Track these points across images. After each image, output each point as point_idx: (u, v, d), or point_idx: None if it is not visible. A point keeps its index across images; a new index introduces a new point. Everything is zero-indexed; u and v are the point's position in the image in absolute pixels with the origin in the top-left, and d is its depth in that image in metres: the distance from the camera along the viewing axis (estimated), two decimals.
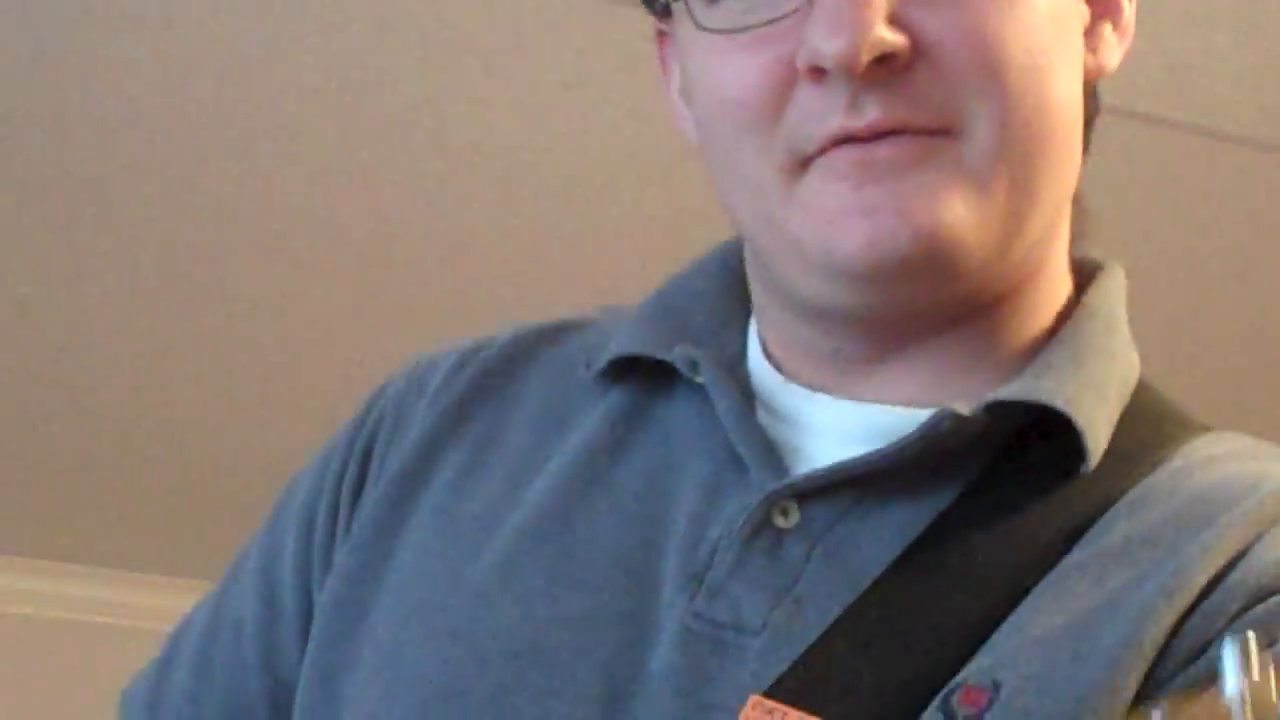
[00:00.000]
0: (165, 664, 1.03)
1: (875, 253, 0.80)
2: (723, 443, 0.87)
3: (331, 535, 0.96)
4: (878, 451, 0.83)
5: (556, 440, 0.92)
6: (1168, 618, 0.76)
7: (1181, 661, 0.75)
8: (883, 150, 0.80)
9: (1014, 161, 0.82)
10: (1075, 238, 0.93)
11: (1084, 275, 0.92)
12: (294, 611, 0.96)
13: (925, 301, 0.84)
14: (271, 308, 3.19)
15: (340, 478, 0.98)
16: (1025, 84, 0.81)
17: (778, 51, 0.82)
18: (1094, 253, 0.94)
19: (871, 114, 0.80)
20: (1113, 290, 0.92)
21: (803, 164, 0.82)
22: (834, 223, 0.81)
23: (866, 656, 0.79)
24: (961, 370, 0.87)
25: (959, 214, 0.80)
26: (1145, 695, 0.74)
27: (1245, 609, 0.76)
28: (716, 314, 0.95)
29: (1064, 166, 0.86)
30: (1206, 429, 0.90)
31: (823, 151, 0.81)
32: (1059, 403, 0.83)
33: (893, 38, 0.79)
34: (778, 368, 0.91)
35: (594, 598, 0.85)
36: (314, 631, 0.93)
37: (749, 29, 0.82)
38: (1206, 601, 0.76)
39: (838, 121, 0.80)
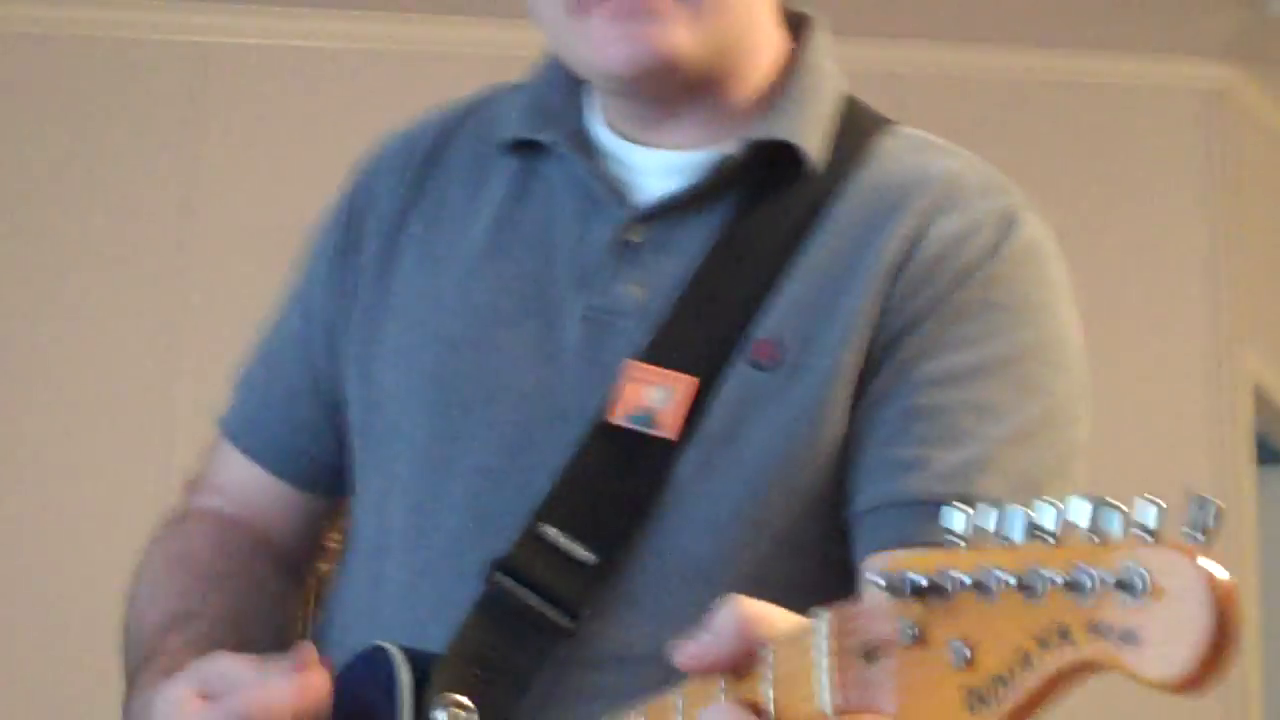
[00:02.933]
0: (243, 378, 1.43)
1: (634, 64, 1.18)
2: (585, 188, 1.25)
3: (339, 277, 1.35)
4: (687, 186, 1.23)
5: (484, 194, 1.30)
6: (878, 285, 1.16)
7: (896, 327, 1.16)
8: (638, 3, 1.17)
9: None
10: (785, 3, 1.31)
11: (797, 27, 1.31)
12: (322, 328, 1.35)
13: (674, 79, 1.21)
14: None
15: (338, 241, 1.36)
16: None
17: None
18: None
19: None
20: (818, 43, 1.30)
21: (584, 7, 1.19)
22: (607, 46, 1.19)
23: (697, 321, 1.18)
24: (717, 120, 1.26)
25: (680, 35, 1.18)
26: (875, 346, 1.16)
27: (930, 272, 1.17)
28: (567, 96, 1.31)
29: None
30: (891, 125, 1.28)
31: (599, 3, 1.18)
32: (792, 135, 1.22)
33: None
34: (610, 127, 1.29)
35: (519, 299, 1.24)
36: (350, 340, 1.32)
37: None
38: (902, 275, 1.17)
39: None
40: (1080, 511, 0.66)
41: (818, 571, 1.16)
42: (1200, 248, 4.23)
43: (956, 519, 0.71)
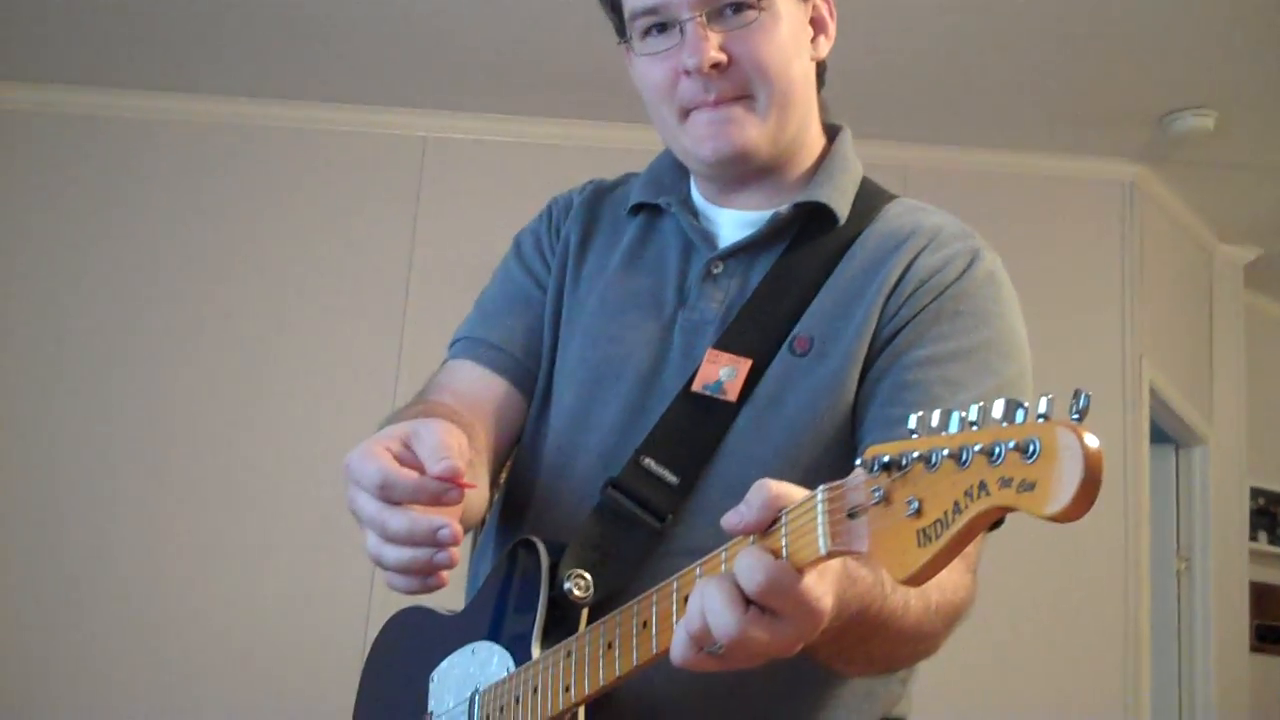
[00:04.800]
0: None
1: (718, 154, 1.22)
2: (685, 236, 1.28)
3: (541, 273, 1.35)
4: (752, 234, 1.25)
5: (618, 239, 1.33)
6: (881, 300, 1.17)
7: (891, 327, 1.16)
8: (720, 111, 1.21)
9: (778, 108, 1.22)
10: (824, 116, 1.30)
11: (831, 132, 1.31)
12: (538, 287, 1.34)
13: (748, 165, 1.24)
14: None
15: (538, 246, 1.36)
16: (779, 73, 1.21)
17: (671, 63, 1.21)
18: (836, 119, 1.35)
19: (713, 92, 1.21)
20: (845, 141, 1.30)
21: (686, 114, 1.23)
22: (702, 142, 1.22)
23: (754, 323, 1.19)
24: (776, 191, 1.26)
25: (752, 135, 1.22)
26: (877, 342, 1.15)
27: (916, 290, 1.16)
28: (675, 176, 1.34)
29: (805, 104, 1.26)
30: (894, 196, 1.28)
31: (695, 109, 1.22)
32: (826, 199, 1.24)
33: (718, 55, 1.18)
34: (703, 196, 1.31)
35: (640, 309, 1.25)
36: (547, 315, 1.32)
37: (657, 53, 1.22)
38: (896, 292, 1.15)
39: (699, 96, 1.21)
40: (998, 408, 0.66)
41: None
42: (1116, 292, 4.15)
43: (912, 420, 0.71)
